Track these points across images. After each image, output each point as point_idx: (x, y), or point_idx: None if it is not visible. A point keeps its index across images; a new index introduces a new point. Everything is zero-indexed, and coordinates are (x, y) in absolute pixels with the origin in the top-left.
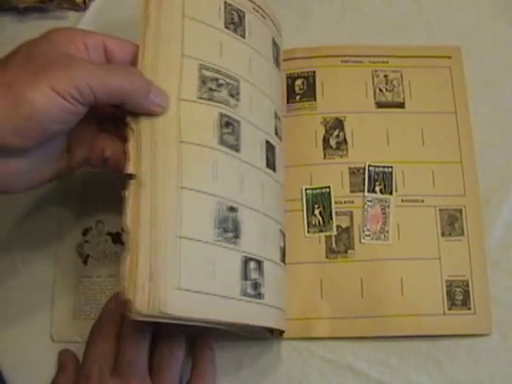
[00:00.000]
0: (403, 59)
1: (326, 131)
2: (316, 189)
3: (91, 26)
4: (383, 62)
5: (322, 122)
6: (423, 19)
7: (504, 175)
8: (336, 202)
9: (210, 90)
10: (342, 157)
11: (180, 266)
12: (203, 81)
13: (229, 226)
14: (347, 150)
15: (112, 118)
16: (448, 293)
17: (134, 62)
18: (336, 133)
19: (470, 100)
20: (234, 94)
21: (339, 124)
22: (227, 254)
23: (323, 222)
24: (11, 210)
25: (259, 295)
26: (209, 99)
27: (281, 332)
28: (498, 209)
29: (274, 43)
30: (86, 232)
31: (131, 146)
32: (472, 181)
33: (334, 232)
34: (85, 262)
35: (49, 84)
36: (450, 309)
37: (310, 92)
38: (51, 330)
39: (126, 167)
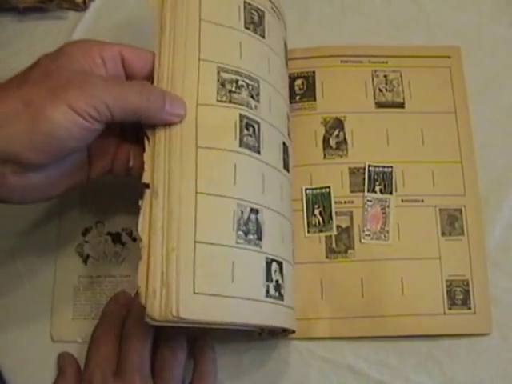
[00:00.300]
0: (403, 59)
1: (326, 131)
2: (316, 189)
3: (91, 26)
4: (383, 62)
5: (321, 122)
6: (423, 19)
7: (504, 175)
8: (336, 202)
9: (230, 92)
10: (341, 157)
11: (195, 270)
12: (222, 83)
13: (251, 228)
14: (347, 149)
15: (134, 127)
16: (448, 292)
17: (151, 71)
18: (336, 133)
19: (470, 100)
20: (254, 94)
21: (339, 124)
22: (250, 256)
23: (323, 221)
24: (11, 210)
25: (281, 296)
26: (228, 101)
27: (292, 331)
28: (497, 209)
29: (285, 44)
30: (85, 232)
31: (146, 155)
32: (472, 180)
33: (334, 232)
34: (85, 262)
35: (67, 102)
36: (450, 308)
37: (309, 92)
38: (51, 330)
39: (142, 177)
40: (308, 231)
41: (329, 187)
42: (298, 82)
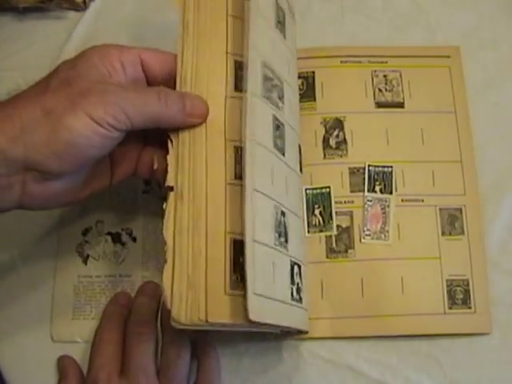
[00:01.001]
0: (402, 59)
1: (326, 131)
2: (316, 189)
3: (91, 26)
4: (382, 62)
5: (321, 122)
6: (423, 19)
7: (504, 175)
8: (336, 202)
9: (267, 90)
10: (341, 157)
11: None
12: (264, 78)
13: (282, 230)
14: (347, 149)
15: (157, 130)
16: (448, 292)
17: (172, 72)
18: (336, 133)
19: (470, 100)
20: (281, 96)
21: (339, 124)
22: (282, 258)
23: (323, 221)
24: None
25: (301, 299)
26: (267, 98)
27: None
28: (497, 209)
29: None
30: (86, 232)
31: (170, 157)
32: (472, 180)
33: (334, 232)
34: (85, 262)
35: (86, 112)
36: (450, 308)
37: (309, 92)
38: (51, 330)
39: (167, 180)
40: (308, 231)
41: (329, 187)
42: (298, 82)
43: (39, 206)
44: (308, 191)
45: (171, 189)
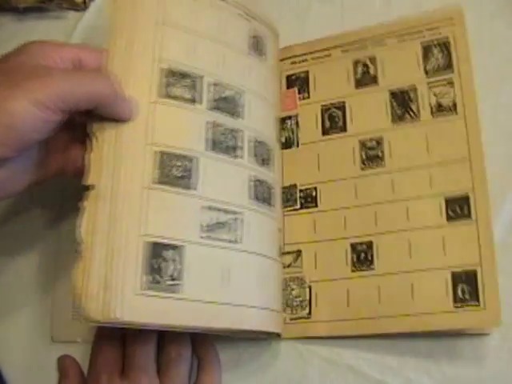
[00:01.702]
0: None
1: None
2: None
3: (91, 25)
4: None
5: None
6: None
7: (504, 175)
8: None
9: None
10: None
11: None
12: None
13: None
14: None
15: (84, 128)
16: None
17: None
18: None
19: None
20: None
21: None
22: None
23: None
24: (11, 208)
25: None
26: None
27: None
28: (497, 209)
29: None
30: None
31: (94, 156)
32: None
33: None
34: None
35: (26, 95)
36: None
37: None
38: (51, 330)
39: (85, 178)
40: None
41: None
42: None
43: None
44: None
45: (91, 187)
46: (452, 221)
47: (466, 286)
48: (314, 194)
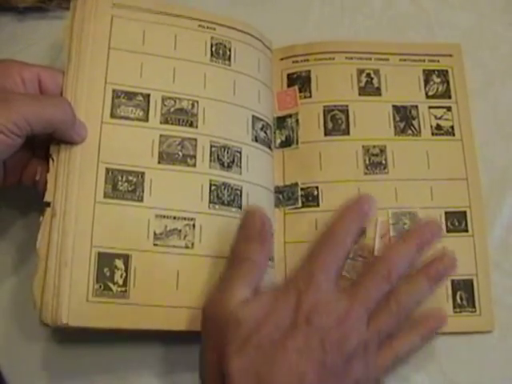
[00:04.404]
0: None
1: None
2: None
3: None
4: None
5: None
6: (423, 19)
7: (504, 175)
8: None
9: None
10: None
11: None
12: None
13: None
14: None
15: (44, 144)
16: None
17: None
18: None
19: (470, 100)
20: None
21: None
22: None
23: None
24: (10, 208)
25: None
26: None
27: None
28: (498, 208)
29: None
30: None
31: (50, 175)
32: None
33: None
34: None
35: None
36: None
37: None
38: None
39: (45, 196)
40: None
41: None
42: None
43: None
44: None
45: (48, 204)
46: (451, 232)
47: (464, 293)
48: (315, 193)
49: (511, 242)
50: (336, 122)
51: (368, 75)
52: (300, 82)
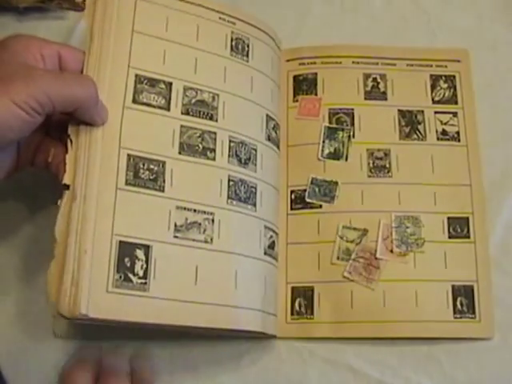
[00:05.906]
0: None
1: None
2: None
3: None
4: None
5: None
6: (423, 20)
7: (504, 175)
8: None
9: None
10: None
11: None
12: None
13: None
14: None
15: (59, 125)
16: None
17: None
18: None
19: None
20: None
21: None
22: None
23: None
24: (10, 207)
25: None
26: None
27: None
28: (498, 209)
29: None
30: None
31: (69, 157)
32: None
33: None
34: None
35: (8, 96)
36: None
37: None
38: (53, 327)
39: (63, 178)
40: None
41: None
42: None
43: None
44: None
45: (67, 187)
46: (453, 238)
47: (464, 299)
48: None
49: (511, 243)
50: (341, 124)
51: (374, 80)
52: (306, 84)
